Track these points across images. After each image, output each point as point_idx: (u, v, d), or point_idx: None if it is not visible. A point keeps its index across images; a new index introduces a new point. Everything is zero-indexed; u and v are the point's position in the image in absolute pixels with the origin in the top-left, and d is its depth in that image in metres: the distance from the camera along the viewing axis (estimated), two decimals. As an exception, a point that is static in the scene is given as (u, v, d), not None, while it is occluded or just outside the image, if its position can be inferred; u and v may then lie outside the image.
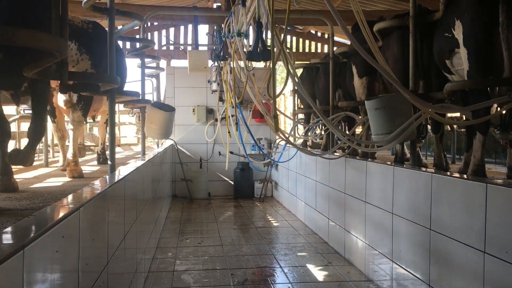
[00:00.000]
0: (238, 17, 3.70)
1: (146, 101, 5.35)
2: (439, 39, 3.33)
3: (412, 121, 3.18)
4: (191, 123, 8.08)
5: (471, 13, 2.94)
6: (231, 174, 8.02)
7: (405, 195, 3.15)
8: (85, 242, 1.82)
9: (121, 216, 2.65)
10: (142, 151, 5.43)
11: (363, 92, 4.60)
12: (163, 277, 3.75)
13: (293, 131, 6.18)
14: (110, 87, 3.09)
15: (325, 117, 3.17)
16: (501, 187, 2.21)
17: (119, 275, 2.59)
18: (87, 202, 1.86)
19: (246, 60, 3.75)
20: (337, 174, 4.57)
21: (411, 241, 3.06)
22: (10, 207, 2.39)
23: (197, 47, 7.47)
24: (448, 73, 3.40)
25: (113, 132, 3.35)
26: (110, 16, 3.18)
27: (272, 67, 2.87)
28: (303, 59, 10.69)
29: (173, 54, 10.94)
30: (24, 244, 1.22)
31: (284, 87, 3.66)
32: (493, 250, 2.22)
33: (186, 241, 4.96)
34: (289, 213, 6.61)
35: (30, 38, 1.61)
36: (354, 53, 4.70)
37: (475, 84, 2.98)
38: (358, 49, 2.48)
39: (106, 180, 2.64)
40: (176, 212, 6.66)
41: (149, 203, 4.07)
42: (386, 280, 3.44)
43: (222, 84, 6.10)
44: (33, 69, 2.18)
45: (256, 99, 4.09)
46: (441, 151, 4.05)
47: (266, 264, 4.16)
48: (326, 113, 5.28)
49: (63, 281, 1.57)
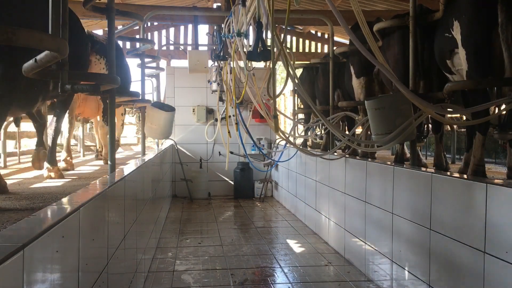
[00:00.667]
0: (238, 17, 3.70)
1: (146, 101, 5.35)
2: (440, 39, 3.33)
3: (412, 121, 3.18)
4: (191, 123, 8.09)
5: (469, 14, 2.94)
6: (231, 174, 8.02)
7: (405, 195, 3.15)
8: (85, 242, 1.82)
9: (121, 216, 2.65)
10: (142, 151, 5.43)
11: (361, 92, 4.60)
12: (163, 277, 3.75)
13: (293, 131, 6.18)
14: (110, 87, 3.09)
15: (324, 117, 3.17)
16: (501, 187, 2.21)
17: (119, 275, 2.59)
18: (87, 202, 1.86)
19: (246, 60, 3.75)
20: (337, 174, 4.57)
21: (411, 241, 3.06)
22: (10, 207, 2.39)
23: (197, 47, 7.47)
24: (449, 73, 3.39)
25: (113, 132, 3.35)
26: (110, 16, 3.18)
27: (272, 67, 2.88)
28: (303, 59, 10.69)
29: (173, 54, 10.94)
30: (24, 244, 1.22)
31: (284, 87, 3.66)
32: (493, 250, 2.22)
33: (186, 241, 4.96)
34: (289, 213, 6.61)
35: (30, 38, 1.61)
36: (352, 53, 4.70)
37: (475, 84, 2.98)
38: (359, 47, 2.48)
39: (106, 180, 2.64)
40: (176, 212, 6.66)
41: (149, 203, 4.07)
42: (386, 280, 3.44)
43: (222, 84, 6.10)
44: (33, 69, 2.17)
45: (256, 99, 4.09)
46: (441, 151, 4.05)
47: (266, 264, 4.16)
48: (326, 113, 5.27)
49: (63, 281, 1.57)
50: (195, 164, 7.96)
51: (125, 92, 4.35)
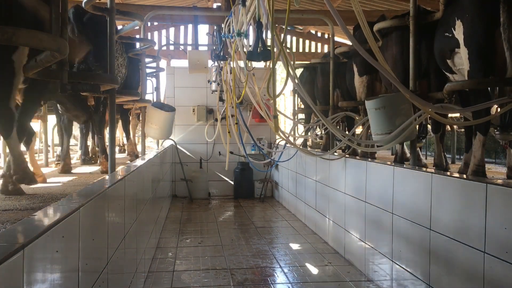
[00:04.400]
0: (238, 17, 3.69)
1: (146, 101, 5.35)
2: (440, 39, 3.33)
3: (412, 121, 3.18)
4: (191, 123, 8.08)
5: (472, 13, 2.94)
6: (231, 174, 8.02)
7: (405, 195, 3.15)
8: (85, 242, 1.82)
9: (121, 216, 2.65)
10: (142, 151, 5.43)
11: (363, 91, 4.60)
12: (163, 277, 3.75)
13: (293, 131, 6.18)
14: (111, 87, 3.09)
15: (324, 117, 3.17)
16: (501, 187, 2.21)
17: (119, 275, 2.59)
18: (87, 202, 1.86)
19: (246, 60, 3.74)
20: (337, 174, 4.57)
21: (411, 241, 3.06)
22: (10, 207, 2.39)
23: (197, 47, 7.47)
24: (450, 73, 3.39)
25: (114, 132, 3.35)
26: (110, 16, 3.18)
27: (272, 67, 2.87)
28: (303, 59, 10.70)
29: (173, 54, 10.95)
30: (24, 244, 1.22)
31: (284, 87, 3.66)
32: (493, 250, 2.22)
33: (186, 241, 4.96)
34: (289, 213, 6.61)
35: (30, 38, 1.61)
36: (355, 52, 4.70)
37: (475, 84, 2.98)
38: (357, 49, 2.48)
39: (106, 180, 2.64)
40: (176, 212, 6.66)
41: (149, 203, 4.07)
42: (386, 280, 3.44)
43: (222, 84, 6.10)
44: (33, 68, 2.18)
45: (256, 99, 4.09)
46: (441, 151, 4.06)
47: (266, 264, 4.16)
48: (326, 113, 5.27)
49: (63, 281, 1.57)
50: (195, 164, 7.96)
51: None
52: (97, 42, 3.66)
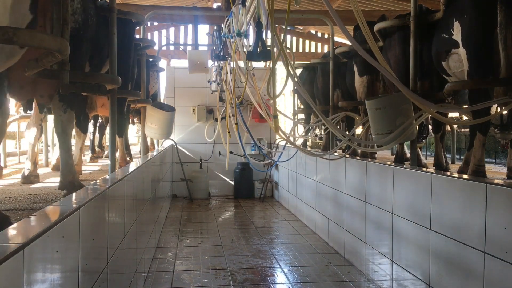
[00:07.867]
0: (238, 17, 3.69)
1: (146, 101, 5.35)
2: (437, 40, 3.33)
3: (412, 121, 3.18)
4: (191, 123, 8.08)
5: (470, 14, 2.94)
6: (231, 174, 8.02)
7: (405, 195, 3.15)
8: (85, 242, 1.82)
9: (121, 216, 2.65)
10: (142, 151, 5.43)
11: (363, 91, 4.60)
12: (163, 277, 3.75)
13: (293, 131, 6.17)
14: (111, 87, 3.09)
15: (324, 117, 3.17)
16: (501, 187, 2.21)
17: (119, 275, 2.59)
18: (87, 202, 1.86)
19: (246, 60, 3.74)
20: (337, 174, 4.57)
21: (411, 241, 3.06)
22: (10, 207, 2.39)
23: (197, 47, 7.46)
24: (446, 75, 3.39)
25: (114, 132, 3.35)
26: (110, 16, 3.18)
27: (272, 67, 2.87)
28: (303, 59, 10.70)
29: (173, 54, 10.95)
30: (24, 244, 1.22)
31: (284, 87, 3.66)
32: (493, 250, 2.22)
33: (186, 241, 4.96)
34: (289, 213, 6.61)
35: (31, 38, 1.61)
36: (355, 52, 4.69)
37: (475, 84, 2.98)
38: (357, 49, 2.48)
39: (106, 180, 2.64)
40: (176, 212, 6.66)
41: (149, 203, 4.07)
42: (386, 280, 3.44)
43: (222, 84, 6.10)
44: (34, 69, 2.18)
45: (256, 99, 4.09)
46: (441, 151, 4.05)
47: (266, 264, 4.16)
48: (326, 113, 5.27)
49: (63, 281, 1.57)
50: (195, 164, 7.96)
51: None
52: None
